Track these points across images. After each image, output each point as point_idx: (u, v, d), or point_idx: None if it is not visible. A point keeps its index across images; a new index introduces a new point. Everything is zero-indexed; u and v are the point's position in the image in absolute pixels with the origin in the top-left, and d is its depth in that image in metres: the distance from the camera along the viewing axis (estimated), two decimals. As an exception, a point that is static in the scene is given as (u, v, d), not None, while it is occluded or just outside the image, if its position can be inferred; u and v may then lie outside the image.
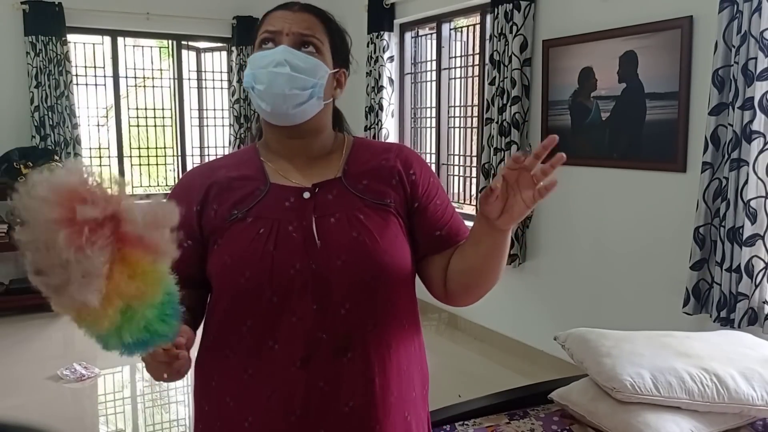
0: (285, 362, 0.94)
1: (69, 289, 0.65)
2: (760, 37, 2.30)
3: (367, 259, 0.95)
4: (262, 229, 0.96)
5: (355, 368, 0.95)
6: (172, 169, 5.59)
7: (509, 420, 1.77)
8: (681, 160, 2.74)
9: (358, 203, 0.98)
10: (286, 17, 0.99)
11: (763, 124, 2.34)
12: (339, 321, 0.94)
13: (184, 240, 0.94)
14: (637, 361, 1.68)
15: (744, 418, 1.69)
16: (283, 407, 0.95)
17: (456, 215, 1.09)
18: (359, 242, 0.95)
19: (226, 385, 0.99)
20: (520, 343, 3.65)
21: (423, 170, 1.06)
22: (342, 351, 0.95)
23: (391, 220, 1.00)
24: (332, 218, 0.96)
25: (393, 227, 1.00)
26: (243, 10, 5.24)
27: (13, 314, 4.33)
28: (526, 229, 3.55)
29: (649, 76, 2.86)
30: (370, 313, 0.96)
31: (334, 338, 0.94)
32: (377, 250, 0.96)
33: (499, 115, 3.52)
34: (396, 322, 1.00)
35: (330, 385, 0.95)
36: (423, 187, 1.04)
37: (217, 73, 5.53)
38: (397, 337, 1.00)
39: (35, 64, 4.53)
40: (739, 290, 2.40)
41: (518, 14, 3.36)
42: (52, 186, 0.65)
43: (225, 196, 1.00)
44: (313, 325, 0.94)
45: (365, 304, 0.96)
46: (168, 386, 3.37)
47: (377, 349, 0.97)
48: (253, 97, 1.00)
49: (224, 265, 0.97)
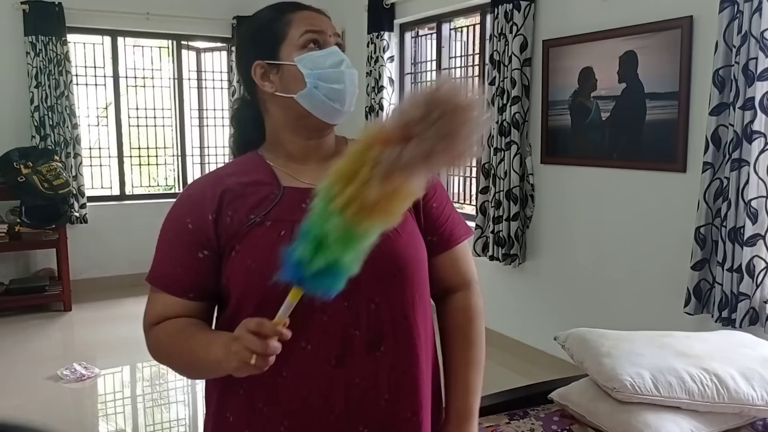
0: (319, 361, 0.95)
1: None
2: (761, 37, 2.30)
3: (392, 254, 0.97)
4: (283, 232, 0.95)
5: (387, 361, 0.98)
6: (172, 169, 5.59)
7: (509, 420, 1.77)
8: (681, 160, 2.74)
9: None
10: (321, 19, 1.02)
11: (763, 124, 2.34)
12: (371, 316, 0.96)
13: (198, 251, 0.98)
14: (637, 361, 1.68)
15: (744, 418, 1.69)
16: (321, 407, 0.95)
17: (452, 217, 1.09)
18: (387, 240, 0.93)
19: (257, 393, 0.97)
20: (520, 343, 3.65)
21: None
22: (375, 345, 0.97)
23: (407, 215, 0.99)
24: None
25: (410, 222, 1.02)
26: (243, 10, 5.24)
27: (13, 314, 4.33)
28: (526, 229, 3.55)
29: (649, 76, 2.86)
30: (399, 306, 0.99)
31: (367, 333, 0.96)
32: (400, 244, 0.98)
33: (499, 115, 3.52)
34: (422, 313, 1.02)
35: (366, 380, 0.96)
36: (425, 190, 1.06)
37: (217, 73, 5.53)
38: (424, 327, 1.03)
39: (35, 64, 4.53)
40: (740, 290, 2.40)
41: (518, 14, 3.36)
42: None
43: (240, 202, 0.99)
44: (346, 322, 0.95)
45: (394, 298, 0.98)
46: (168, 386, 3.37)
47: (408, 341, 1.00)
48: (314, 97, 0.98)
49: (248, 269, 0.95)
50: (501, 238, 3.55)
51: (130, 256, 5.07)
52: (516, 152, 3.44)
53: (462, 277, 1.10)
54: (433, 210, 1.06)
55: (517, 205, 3.47)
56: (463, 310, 1.09)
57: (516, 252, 3.51)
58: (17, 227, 4.35)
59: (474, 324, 1.09)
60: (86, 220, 4.81)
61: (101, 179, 5.22)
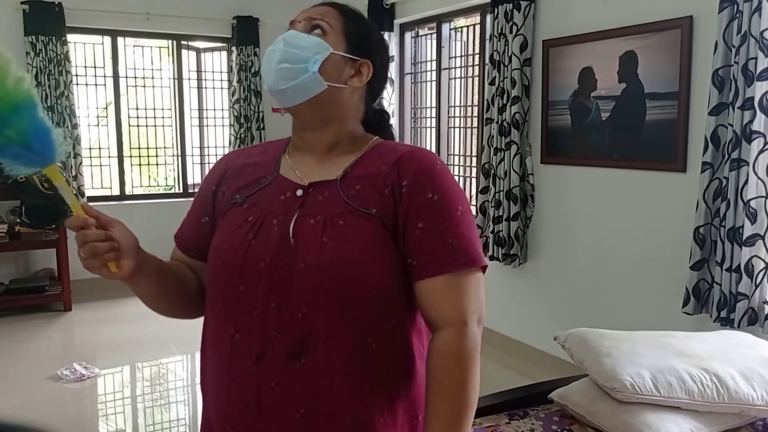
0: (243, 354, 0.94)
1: None
2: (760, 37, 2.30)
3: (330, 267, 0.90)
4: (250, 218, 0.97)
5: (307, 375, 0.91)
6: (172, 169, 5.58)
7: (509, 420, 1.77)
8: (681, 160, 2.74)
9: (343, 208, 0.94)
10: (306, 9, 1.03)
11: (763, 124, 2.34)
12: (295, 324, 0.91)
13: (203, 216, 1.07)
14: (637, 361, 1.68)
15: (744, 418, 1.69)
16: (238, 399, 0.96)
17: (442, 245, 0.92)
18: (326, 248, 0.91)
19: (205, 369, 1.04)
20: (520, 343, 3.65)
21: (418, 186, 0.94)
22: (295, 355, 0.91)
23: (375, 230, 0.92)
24: (312, 219, 0.94)
25: (373, 239, 0.92)
26: (243, 10, 5.25)
27: (13, 314, 4.33)
28: (526, 229, 3.55)
29: (649, 76, 2.86)
30: (327, 322, 0.91)
31: (288, 340, 0.92)
32: (342, 259, 0.91)
33: (499, 115, 3.52)
34: (358, 338, 0.92)
35: (281, 387, 0.92)
36: (407, 204, 0.93)
37: (217, 73, 5.53)
38: (358, 354, 0.92)
39: (35, 64, 4.53)
40: (739, 290, 2.40)
41: (518, 14, 3.36)
42: None
43: (234, 181, 1.03)
44: (270, 323, 0.92)
45: (322, 312, 0.91)
46: (168, 386, 3.37)
47: (331, 362, 0.91)
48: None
49: (212, 246, 1.01)
50: (501, 238, 3.55)
51: (130, 256, 5.07)
52: (516, 152, 3.45)
53: (442, 314, 0.92)
54: (417, 232, 0.93)
55: (517, 205, 3.47)
56: (440, 354, 0.92)
57: (516, 252, 3.51)
58: (17, 227, 4.35)
59: (451, 371, 0.91)
60: (86, 220, 4.81)
61: (101, 179, 5.22)
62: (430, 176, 0.95)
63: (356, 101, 1.04)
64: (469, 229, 0.95)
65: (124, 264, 0.91)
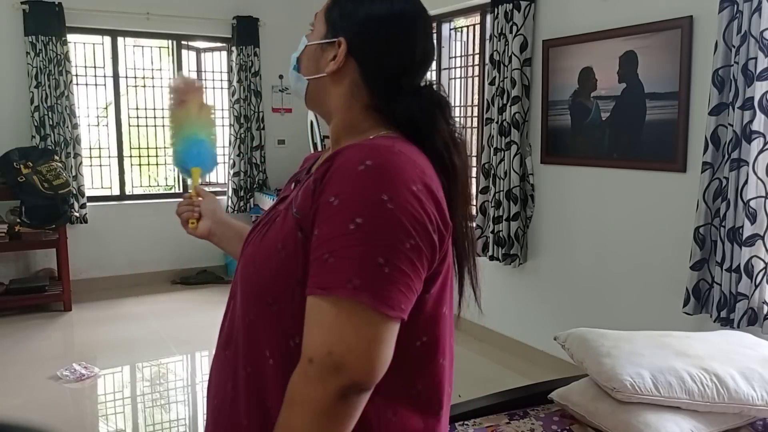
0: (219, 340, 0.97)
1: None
2: (760, 37, 2.30)
3: (244, 262, 0.90)
4: (263, 212, 1.00)
5: (228, 366, 0.90)
6: (171, 169, 5.58)
7: (509, 420, 1.77)
8: (681, 160, 2.74)
9: (288, 204, 0.88)
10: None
11: (762, 124, 2.34)
12: (233, 315, 0.92)
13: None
14: (637, 361, 1.68)
15: (744, 418, 1.69)
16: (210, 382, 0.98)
17: (322, 262, 0.75)
18: (250, 243, 0.92)
19: None
20: (521, 343, 3.65)
21: (326, 186, 0.78)
22: (226, 345, 0.92)
23: (288, 233, 0.82)
24: (272, 213, 0.93)
25: (284, 240, 0.82)
26: (243, 10, 5.25)
27: (13, 314, 4.33)
28: (526, 229, 3.55)
29: (649, 76, 2.86)
30: (241, 320, 0.89)
31: (226, 330, 0.93)
32: (249, 258, 0.89)
33: (499, 115, 3.52)
34: (255, 347, 0.85)
35: (214, 374, 0.95)
36: (316, 205, 0.79)
37: (217, 73, 5.53)
38: (252, 361, 0.85)
39: (35, 64, 4.53)
40: (738, 290, 2.40)
41: (518, 14, 3.36)
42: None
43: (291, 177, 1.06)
44: (228, 312, 0.94)
45: (240, 308, 0.89)
46: (168, 386, 3.37)
47: (237, 358, 0.89)
48: None
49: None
50: (501, 238, 3.55)
51: (130, 256, 5.07)
52: (516, 152, 3.44)
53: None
54: (313, 240, 0.78)
55: (517, 205, 3.47)
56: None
57: (516, 252, 3.51)
58: (17, 227, 4.35)
59: (282, 412, 0.76)
60: (86, 220, 4.81)
61: (101, 179, 5.22)
62: (340, 176, 0.78)
63: (345, 87, 0.91)
64: (360, 251, 0.73)
65: (201, 224, 1.23)
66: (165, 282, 5.17)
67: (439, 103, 0.90)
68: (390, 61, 0.90)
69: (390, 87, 0.89)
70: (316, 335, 0.74)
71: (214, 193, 5.42)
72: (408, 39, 0.90)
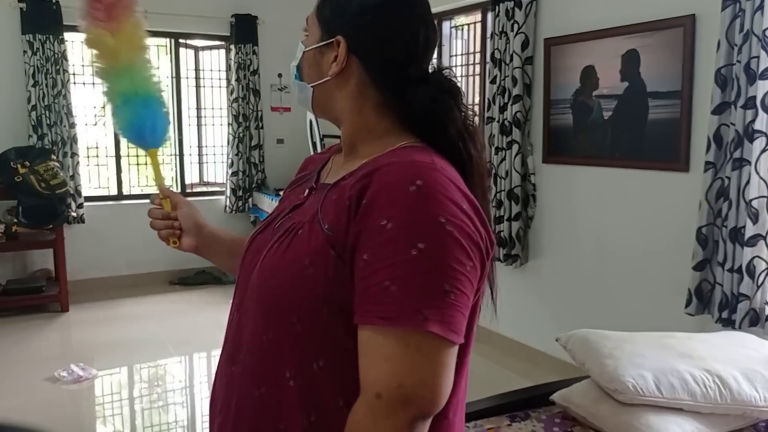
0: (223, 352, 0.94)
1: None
2: (763, 35, 2.28)
3: (261, 278, 0.83)
4: (273, 213, 0.95)
5: (236, 383, 0.86)
6: (169, 168, 5.56)
7: (510, 422, 1.75)
8: (683, 159, 2.72)
9: (313, 216, 0.82)
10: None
11: (765, 123, 2.32)
12: (238, 329, 0.88)
13: None
14: (639, 362, 1.67)
15: (747, 420, 1.68)
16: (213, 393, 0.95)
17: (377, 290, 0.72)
18: (269, 255, 0.84)
19: None
20: (522, 345, 3.63)
21: (374, 207, 0.74)
22: (231, 360, 0.87)
23: (320, 249, 0.77)
24: (290, 223, 0.86)
25: (313, 257, 0.77)
26: (241, 8, 5.23)
27: (10, 315, 4.31)
28: (528, 229, 3.53)
29: (651, 74, 2.84)
30: (251, 337, 0.84)
31: (232, 344, 0.89)
32: (271, 272, 0.82)
33: (501, 113, 3.50)
34: (273, 369, 0.80)
35: (220, 390, 0.90)
36: (359, 227, 0.75)
37: (215, 72, 5.51)
38: (268, 381, 0.81)
39: (32, 63, 4.51)
40: (740, 291, 2.38)
41: (519, 12, 3.34)
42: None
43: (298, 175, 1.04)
44: (231, 321, 0.91)
45: (250, 324, 0.84)
46: (166, 387, 3.35)
47: (244, 379, 0.84)
48: None
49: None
50: (502, 238, 3.53)
51: (127, 257, 5.05)
52: (517, 151, 3.43)
53: (361, 376, 0.74)
54: (361, 265, 0.74)
55: (518, 205, 3.45)
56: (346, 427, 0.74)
57: (518, 252, 3.49)
58: (14, 227, 4.33)
59: None
60: (83, 220, 4.79)
61: (98, 179, 5.20)
62: (393, 196, 0.73)
63: (352, 87, 0.87)
64: (426, 278, 0.70)
65: (184, 241, 1.09)
66: (163, 282, 5.15)
67: (451, 91, 0.87)
68: (393, 50, 0.85)
69: (398, 79, 0.85)
70: (383, 368, 0.71)
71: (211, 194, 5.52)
72: (408, 23, 0.86)
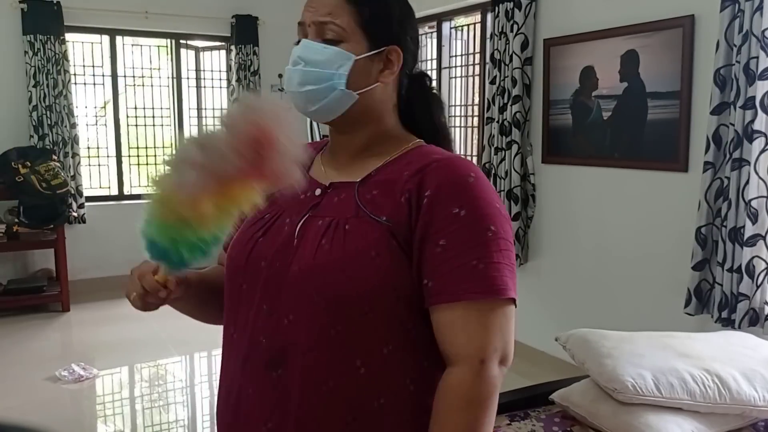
0: (234, 356, 0.91)
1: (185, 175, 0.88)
2: (762, 36, 2.29)
3: (320, 272, 0.83)
4: (267, 215, 0.93)
5: (282, 388, 0.85)
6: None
7: (510, 421, 1.76)
8: (683, 159, 2.73)
9: (354, 213, 0.86)
10: (310, 5, 0.91)
11: (764, 123, 2.33)
12: (280, 330, 0.85)
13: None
14: (639, 361, 1.67)
15: (746, 419, 1.68)
16: (225, 400, 0.93)
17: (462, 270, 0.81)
18: (321, 251, 0.83)
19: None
20: (521, 344, 3.63)
21: (443, 198, 0.83)
22: (274, 364, 0.85)
23: (380, 239, 0.83)
24: (320, 221, 0.87)
25: (376, 247, 0.82)
26: (242, 9, 5.23)
27: (11, 315, 4.31)
28: (527, 229, 3.54)
29: (650, 75, 2.85)
30: (309, 333, 0.83)
31: (271, 347, 0.86)
32: (334, 264, 0.82)
33: (500, 114, 3.51)
34: (343, 358, 0.83)
35: (257, 396, 0.87)
36: (428, 217, 0.83)
37: (216, 72, 5.52)
38: (341, 376, 0.83)
39: (33, 63, 4.51)
40: (740, 291, 2.39)
41: (519, 13, 3.35)
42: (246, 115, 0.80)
43: None
44: (259, 327, 0.87)
45: (307, 321, 0.84)
46: (167, 387, 3.36)
47: (308, 377, 0.84)
48: None
49: (231, 242, 0.95)
50: (501, 237, 3.53)
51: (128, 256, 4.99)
52: (517, 152, 3.43)
53: (458, 349, 0.81)
54: (438, 250, 0.82)
55: (518, 205, 3.46)
56: (449, 395, 0.81)
57: (517, 252, 3.50)
58: (15, 227, 4.34)
59: (458, 416, 0.80)
60: (84, 220, 4.80)
61: (99, 179, 5.21)
62: (458, 188, 0.83)
63: (390, 91, 0.93)
64: (500, 255, 0.82)
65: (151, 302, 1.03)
66: (164, 282, 5.15)
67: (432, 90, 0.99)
68: (416, 54, 0.95)
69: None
70: (484, 337, 0.81)
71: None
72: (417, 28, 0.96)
